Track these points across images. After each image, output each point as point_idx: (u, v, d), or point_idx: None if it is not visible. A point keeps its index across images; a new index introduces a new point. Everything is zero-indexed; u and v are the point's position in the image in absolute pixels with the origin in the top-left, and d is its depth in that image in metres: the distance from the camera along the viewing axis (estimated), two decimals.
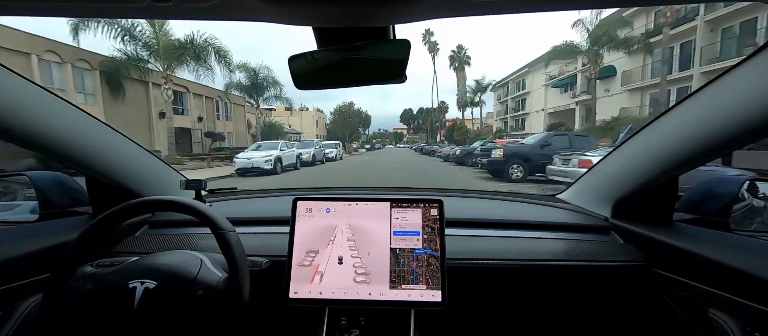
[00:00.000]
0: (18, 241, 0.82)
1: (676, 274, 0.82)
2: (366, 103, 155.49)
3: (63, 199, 1.05)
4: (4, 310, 0.77)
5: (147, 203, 0.73)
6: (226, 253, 0.68)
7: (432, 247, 0.81)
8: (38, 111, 0.77)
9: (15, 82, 0.73)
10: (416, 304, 0.77)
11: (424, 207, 0.84)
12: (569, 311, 1.00)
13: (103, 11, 0.50)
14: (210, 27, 16.43)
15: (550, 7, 0.48)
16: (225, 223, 0.70)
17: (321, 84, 0.74)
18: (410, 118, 74.83)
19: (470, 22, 64.88)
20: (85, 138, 0.90)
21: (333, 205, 0.85)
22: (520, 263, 0.90)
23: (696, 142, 0.75)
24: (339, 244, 0.82)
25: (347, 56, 0.61)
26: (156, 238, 1.01)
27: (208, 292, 0.66)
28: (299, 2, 0.43)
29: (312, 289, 0.79)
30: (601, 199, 1.11)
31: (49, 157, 0.85)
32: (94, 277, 0.69)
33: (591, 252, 0.93)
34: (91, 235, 0.70)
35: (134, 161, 1.08)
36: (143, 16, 0.49)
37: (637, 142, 0.96)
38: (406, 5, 0.44)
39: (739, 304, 0.68)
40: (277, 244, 0.94)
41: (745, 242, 0.78)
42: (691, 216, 0.94)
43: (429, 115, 56.93)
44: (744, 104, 0.64)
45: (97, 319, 0.66)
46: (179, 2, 0.42)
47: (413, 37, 3.57)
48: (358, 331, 0.77)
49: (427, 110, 61.06)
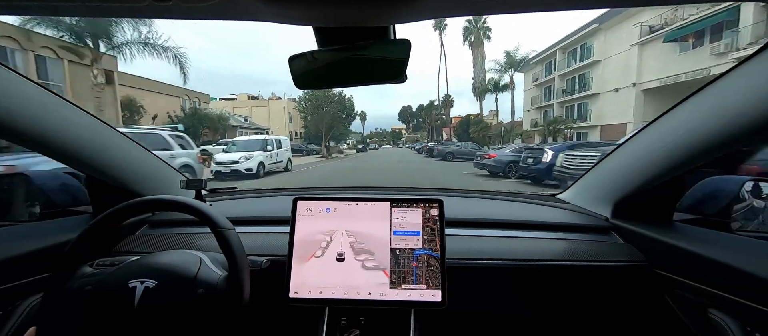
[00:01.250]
0: (18, 241, 0.83)
1: (676, 275, 0.82)
2: (363, 103, 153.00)
3: (63, 199, 1.05)
4: (5, 310, 0.77)
5: (147, 203, 0.73)
6: (226, 251, 0.68)
7: (432, 247, 0.81)
8: (38, 110, 0.77)
9: (15, 82, 0.73)
10: (416, 304, 0.77)
11: (424, 207, 0.84)
12: (569, 311, 1.00)
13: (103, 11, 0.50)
14: (210, 26, 15.81)
15: (551, 7, 0.48)
16: (225, 222, 0.70)
17: (321, 84, 0.74)
18: (409, 115, 71.40)
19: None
20: (85, 137, 0.90)
21: (333, 204, 0.85)
22: (520, 263, 0.90)
23: (696, 142, 0.75)
24: (339, 243, 0.82)
25: (347, 56, 0.61)
26: (156, 238, 1.01)
27: (208, 290, 0.66)
28: (299, 2, 0.43)
29: (312, 288, 0.79)
30: (601, 199, 1.11)
31: (48, 157, 0.85)
32: (94, 276, 0.69)
33: (591, 252, 0.93)
34: (91, 234, 0.70)
35: (134, 160, 1.08)
36: (143, 16, 0.50)
37: (638, 142, 0.96)
38: (407, 5, 0.44)
39: (739, 304, 0.68)
40: (277, 243, 0.94)
41: (745, 242, 0.78)
42: (691, 216, 0.94)
43: (430, 112, 50.93)
44: (744, 105, 0.64)
45: (97, 318, 0.66)
46: (179, 2, 0.42)
47: (414, 32, 3.37)
48: (358, 330, 0.77)
49: (428, 107, 54.64)
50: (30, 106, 0.76)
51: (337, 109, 26.07)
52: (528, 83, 31.57)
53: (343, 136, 35.03)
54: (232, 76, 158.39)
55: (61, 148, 0.85)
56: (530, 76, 30.92)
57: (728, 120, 0.67)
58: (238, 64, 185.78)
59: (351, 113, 28.31)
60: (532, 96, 30.66)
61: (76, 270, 0.70)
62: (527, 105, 31.51)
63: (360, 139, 58.43)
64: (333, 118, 25.76)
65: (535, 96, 30.25)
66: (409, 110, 71.78)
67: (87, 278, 0.68)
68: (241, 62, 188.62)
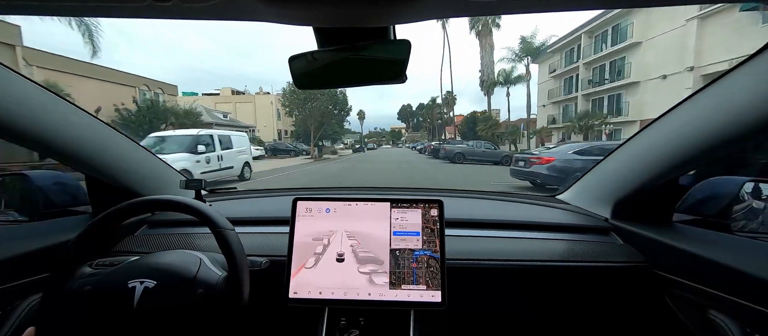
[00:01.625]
0: (17, 241, 0.82)
1: (676, 275, 0.82)
2: (362, 103, 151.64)
3: (63, 199, 1.05)
4: (4, 310, 0.77)
5: (146, 203, 0.73)
6: (226, 251, 0.68)
7: (432, 248, 0.81)
8: (38, 110, 0.77)
9: (14, 82, 0.73)
10: (416, 304, 0.77)
11: (424, 207, 0.84)
12: (569, 312, 0.99)
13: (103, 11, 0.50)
14: (210, 26, 14.84)
15: (551, 8, 0.48)
16: (224, 222, 0.70)
17: (321, 84, 0.74)
18: (409, 114, 69.82)
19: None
20: (85, 137, 0.90)
21: (333, 205, 0.85)
22: (520, 264, 0.90)
23: (696, 142, 0.75)
24: (339, 244, 0.82)
25: (347, 56, 0.61)
26: (155, 238, 1.01)
27: (207, 290, 0.66)
28: (299, 2, 0.43)
29: (311, 289, 0.78)
30: (601, 200, 1.11)
31: (48, 156, 0.85)
32: (93, 276, 0.69)
33: (591, 253, 0.93)
34: (90, 234, 0.70)
35: (134, 160, 1.08)
36: (143, 16, 0.49)
37: (638, 142, 0.96)
38: (407, 5, 0.44)
39: (739, 305, 0.68)
40: (276, 243, 0.94)
41: (745, 243, 0.78)
42: (691, 217, 0.94)
43: (432, 111, 49.14)
44: (744, 105, 0.64)
45: (96, 318, 0.66)
46: (179, 2, 0.42)
47: (414, 31, 3.31)
48: (357, 331, 0.77)
49: (429, 105, 52.49)
50: (29, 105, 0.76)
51: (327, 103, 22.50)
52: (543, 75, 27.85)
53: (338, 135, 31.50)
54: (231, 76, 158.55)
55: (60, 148, 0.85)
56: (546, 67, 27.06)
57: (729, 120, 0.67)
58: (238, 64, 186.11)
59: (344, 109, 24.80)
60: (548, 89, 26.95)
61: (76, 270, 0.70)
62: (542, 100, 27.49)
63: (358, 138, 55.90)
64: (323, 113, 22.38)
65: (552, 89, 26.41)
66: (409, 109, 70.13)
67: (86, 278, 0.68)
68: (241, 62, 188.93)
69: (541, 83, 28.26)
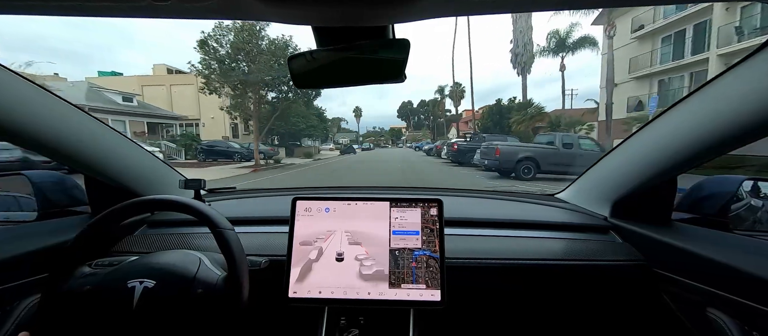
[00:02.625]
0: (16, 241, 0.82)
1: (675, 274, 0.82)
2: (360, 102, 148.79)
3: (62, 199, 1.05)
4: (3, 310, 0.77)
5: (146, 202, 0.73)
6: (225, 251, 0.68)
7: (431, 247, 0.81)
8: (37, 110, 0.77)
9: (14, 82, 0.73)
10: (415, 303, 0.77)
11: (424, 207, 0.84)
12: (568, 311, 1.00)
13: (103, 11, 0.50)
14: (210, 26, 13.46)
15: (551, 7, 0.48)
16: (224, 222, 0.70)
17: (320, 83, 0.74)
18: (410, 112, 66.71)
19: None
20: (84, 137, 0.90)
21: (332, 204, 0.85)
22: (519, 263, 0.90)
23: (695, 142, 0.75)
24: (338, 243, 0.82)
25: (347, 56, 0.61)
26: (155, 238, 1.01)
27: (207, 290, 0.66)
28: (299, 2, 0.43)
29: (311, 288, 0.79)
30: (600, 199, 1.11)
31: (48, 157, 0.85)
32: (92, 276, 0.69)
33: (590, 251, 0.93)
34: (89, 234, 0.70)
35: (133, 160, 1.08)
36: (143, 16, 0.49)
37: (637, 141, 0.96)
38: (406, 5, 0.44)
39: (738, 303, 0.68)
40: (276, 243, 0.94)
41: (744, 242, 0.78)
42: (690, 215, 0.94)
43: (434, 109, 45.59)
44: (744, 104, 0.64)
45: (96, 319, 0.66)
46: (179, 2, 0.42)
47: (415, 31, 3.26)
48: (357, 330, 0.77)
49: (433, 102, 47.64)
50: (28, 106, 0.75)
51: (269, 60, 11.84)
52: (621, 38, 16.90)
53: (315, 132, 22.08)
54: None
55: (59, 148, 0.85)
56: (627, 23, 16.58)
57: (728, 119, 0.67)
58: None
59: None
60: (629, 57, 16.84)
61: (75, 270, 0.70)
62: (621, 73, 16.77)
63: (355, 138, 52.21)
64: (267, 84, 12.13)
65: (636, 57, 16.50)
66: (410, 106, 67.08)
67: (86, 278, 0.68)
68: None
69: (616, 49, 16.96)
